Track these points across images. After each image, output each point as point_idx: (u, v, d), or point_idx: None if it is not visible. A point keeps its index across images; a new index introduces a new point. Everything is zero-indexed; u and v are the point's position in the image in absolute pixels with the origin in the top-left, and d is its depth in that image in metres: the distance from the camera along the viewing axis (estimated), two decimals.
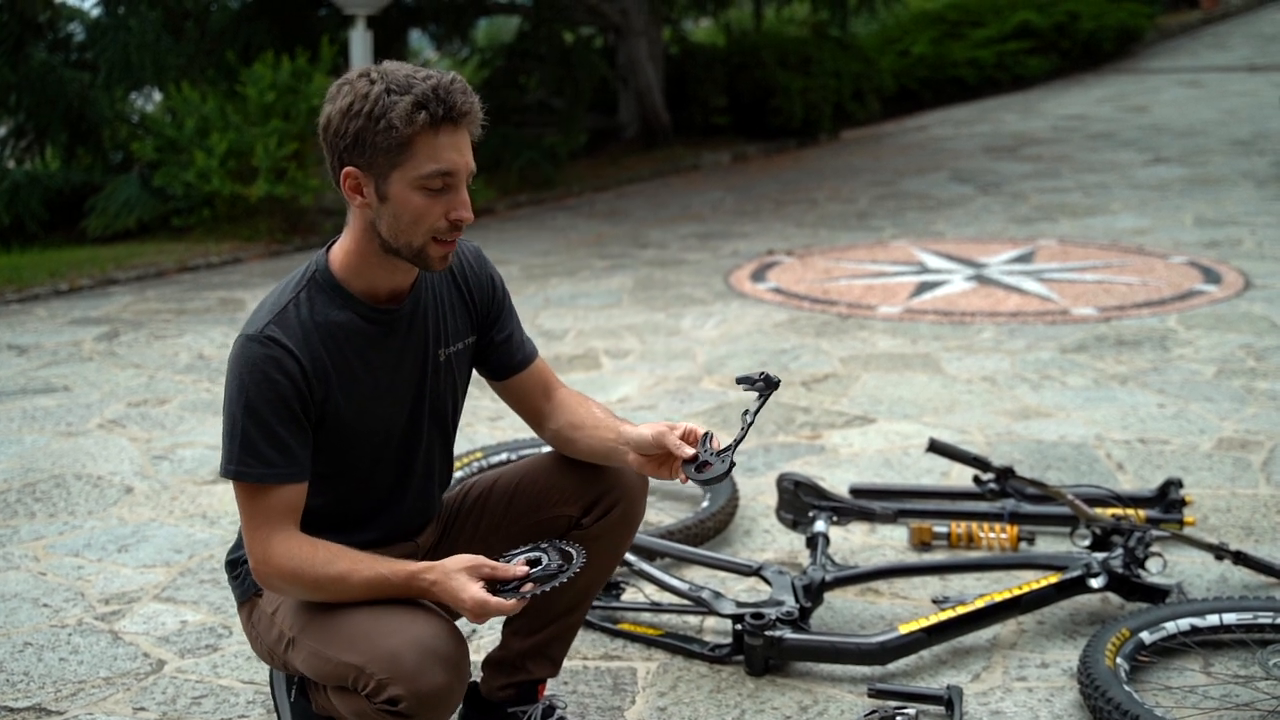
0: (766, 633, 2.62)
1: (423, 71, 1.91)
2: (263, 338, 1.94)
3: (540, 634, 2.29)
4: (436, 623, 1.89)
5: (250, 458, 1.93)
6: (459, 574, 1.89)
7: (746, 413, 2.07)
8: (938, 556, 3.24)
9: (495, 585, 1.89)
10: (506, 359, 2.24)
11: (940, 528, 3.28)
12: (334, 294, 2.02)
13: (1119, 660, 2.46)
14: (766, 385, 2.06)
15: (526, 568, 1.92)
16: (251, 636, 2.16)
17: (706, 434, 2.04)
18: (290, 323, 1.97)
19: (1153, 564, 2.83)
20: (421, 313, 2.10)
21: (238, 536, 2.19)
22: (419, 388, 2.12)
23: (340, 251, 2.03)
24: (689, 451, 2.00)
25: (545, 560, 1.95)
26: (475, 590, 1.86)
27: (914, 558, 3.24)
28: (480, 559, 1.91)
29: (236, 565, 2.18)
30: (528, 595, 1.88)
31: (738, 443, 2.01)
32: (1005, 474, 3.17)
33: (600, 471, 2.22)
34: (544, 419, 2.26)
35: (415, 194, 1.92)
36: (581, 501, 2.22)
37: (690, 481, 2.03)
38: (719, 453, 1.99)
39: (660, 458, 2.06)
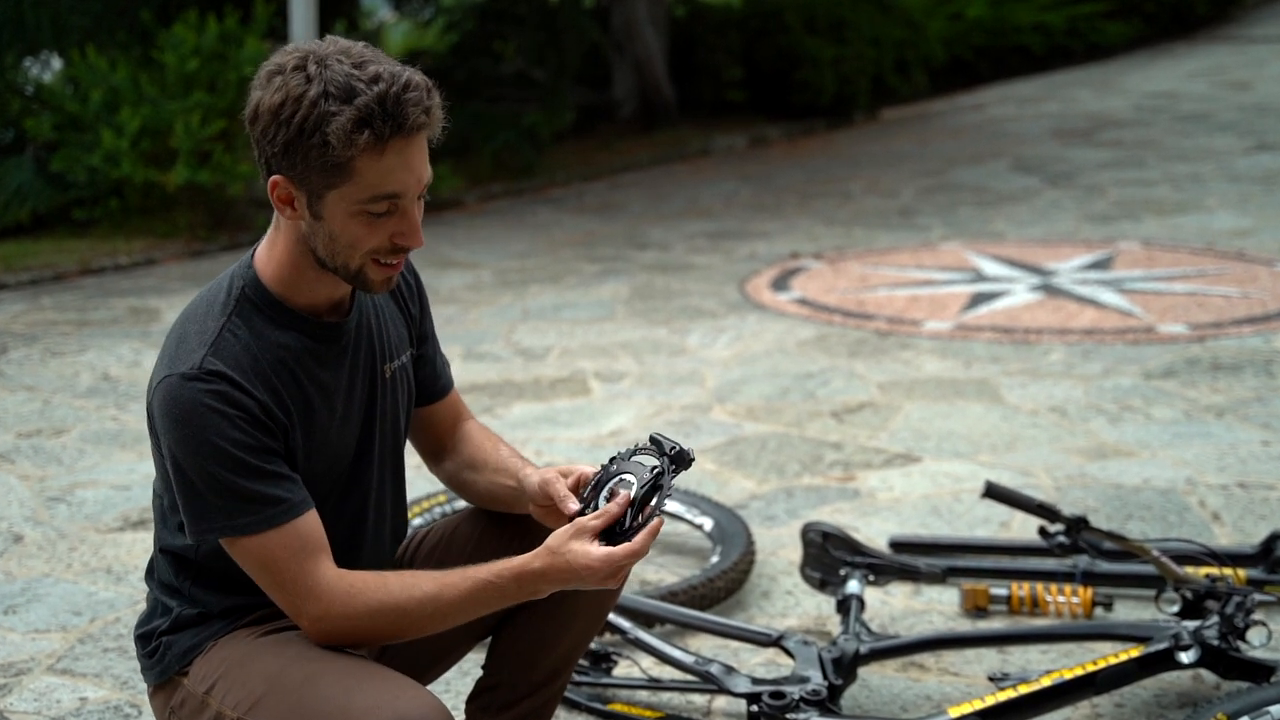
0: (788, 715, 2.62)
1: (371, 67, 1.87)
2: (203, 373, 1.93)
3: (514, 709, 2.30)
4: (422, 695, 1.89)
5: (250, 504, 1.93)
6: (568, 545, 1.95)
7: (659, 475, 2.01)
8: (995, 625, 3.24)
9: (609, 536, 1.97)
10: (430, 383, 2.31)
11: (999, 589, 3.29)
12: (273, 311, 2.02)
13: None
14: (674, 462, 2.00)
15: (624, 498, 1.98)
16: None
17: (599, 479, 2.07)
18: (232, 351, 1.96)
19: (1255, 635, 2.83)
20: (366, 324, 2.14)
21: (150, 604, 2.18)
22: (369, 412, 2.14)
23: (270, 262, 2.04)
24: (574, 506, 2.05)
25: (627, 477, 2.00)
26: (598, 551, 1.93)
27: (966, 626, 3.25)
28: (575, 523, 1.97)
29: (150, 639, 2.15)
30: (650, 519, 1.94)
31: (646, 505, 1.99)
32: (1077, 525, 3.17)
33: None
34: (443, 454, 2.34)
35: (354, 219, 1.93)
36: None
37: None
38: (628, 526, 1.97)
39: (555, 509, 2.11)
